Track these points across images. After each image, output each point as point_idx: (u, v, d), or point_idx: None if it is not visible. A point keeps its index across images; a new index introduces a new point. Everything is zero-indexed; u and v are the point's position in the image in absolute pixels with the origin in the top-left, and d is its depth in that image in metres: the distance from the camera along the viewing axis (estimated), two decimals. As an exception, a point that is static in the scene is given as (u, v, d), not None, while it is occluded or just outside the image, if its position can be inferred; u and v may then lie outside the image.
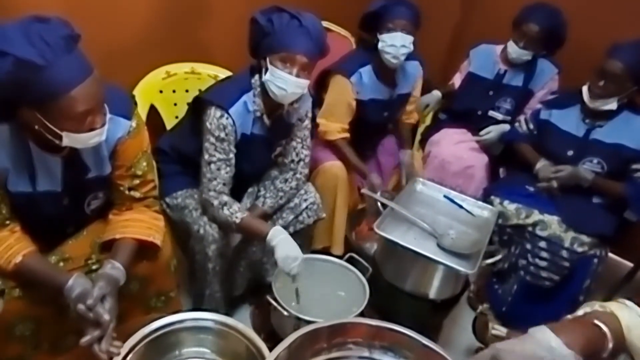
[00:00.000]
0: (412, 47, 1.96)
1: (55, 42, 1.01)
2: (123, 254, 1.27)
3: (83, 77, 1.05)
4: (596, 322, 0.91)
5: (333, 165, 2.02)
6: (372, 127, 2.18)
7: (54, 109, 1.04)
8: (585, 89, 1.92)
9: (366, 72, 2.04)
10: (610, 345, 0.89)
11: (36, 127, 1.08)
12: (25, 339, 1.26)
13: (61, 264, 1.31)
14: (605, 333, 0.90)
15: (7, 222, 1.21)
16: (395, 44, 1.92)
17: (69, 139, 1.10)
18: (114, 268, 1.21)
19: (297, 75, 1.49)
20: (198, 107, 1.60)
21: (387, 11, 1.94)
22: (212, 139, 1.54)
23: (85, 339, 1.10)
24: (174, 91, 2.11)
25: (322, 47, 1.54)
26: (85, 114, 1.08)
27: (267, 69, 1.51)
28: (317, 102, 2.04)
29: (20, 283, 1.21)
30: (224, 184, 1.58)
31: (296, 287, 1.57)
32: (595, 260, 1.89)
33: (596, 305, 0.98)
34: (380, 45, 1.95)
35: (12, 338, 1.24)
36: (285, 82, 1.50)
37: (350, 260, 1.72)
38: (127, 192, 1.35)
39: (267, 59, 1.50)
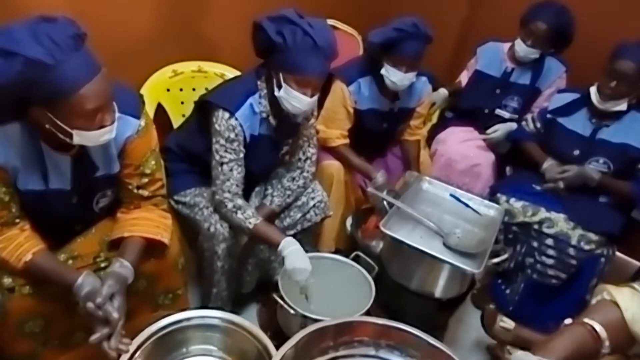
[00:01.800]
0: (414, 79, 1.94)
1: (63, 41, 1.01)
2: (131, 252, 1.28)
3: (91, 75, 1.06)
4: (589, 322, 0.94)
5: (330, 165, 2.03)
6: (373, 136, 2.16)
7: (63, 108, 1.05)
8: (594, 90, 1.91)
9: (366, 82, 2.02)
10: (607, 343, 0.93)
11: (47, 126, 1.08)
12: (35, 335, 1.27)
13: (70, 261, 1.32)
14: (597, 333, 0.93)
15: (17, 220, 1.22)
16: (396, 82, 1.91)
17: (79, 137, 1.10)
18: (123, 266, 1.22)
19: (312, 95, 1.52)
20: (204, 108, 1.61)
21: (397, 45, 1.84)
22: (222, 141, 1.54)
23: (94, 337, 1.12)
24: (181, 90, 2.12)
25: (334, 57, 1.54)
26: (95, 112, 1.09)
27: (280, 85, 1.51)
28: (320, 104, 2.04)
29: (30, 280, 1.22)
30: (237, 185, 1.59)
31: (304, 295, 1.59)
32: (602, 259, 1.88)
33: (604, 293, 1.00)
34: (383, 71, 1.92)
35: (23, 335, 1.25)
36: (300, 102, 1.51)
37: (356, 259, 1.73)
38: (135, 190, 1.36)
39: (281, 76, 1.49)
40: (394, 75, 1.90)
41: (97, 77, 1.06)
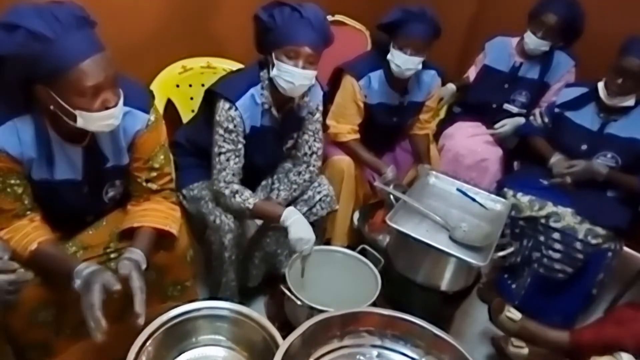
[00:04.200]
0: (420, 66, 1.94)
1: (66, 19, 1.04)
2: (142, 241, 1.30)
3: (92, 51, 1.07)
4: None
5: (340, 160, 2.04)
6: (383, 130, 2.17)
7: (64, 84, 1.06)
8: (601, 85, 1.90)
9: (376, 76, 2.03)
10: None
11: (51, 107, 1.10)
12: (48, 324, 1.30)
13: (81, 252, 1.34)
14: None
15: (28, 212, 1.25)
16: (400, 65, 1.91)
17: (82, 119, 1.11)
18: (133, 252, 1.25)
19: (304, 67, 1.51)
20: (210, 99, 1.63)
21: (403, 26, 1.87)
22: (221, 131, 1.57)
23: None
24: (190, 85, 2.15)
25: (326, 37, 1.55)
26: (96, 90, 1.09)
27: (273, 65, 1.53)
28: (330, 99, 2.04)
29: (39, 270, 1.24)
30: (234, 174, 1.62)
31: (303, 266, 1.62)
32: (610, 253, 1.88)
33: None
34: (389, 56, 1.93)
35: (36, 324, 1.28)
36: (292, 75, 1.52)
37: (363, 252, 1.74)
38: (144, 184, 1.39)
39: (273, 55, 1.52)
40: (398, 58, 1.90)
41: (98, 55, 1.08)
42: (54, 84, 1.07)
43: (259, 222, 1.78)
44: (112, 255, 1.37)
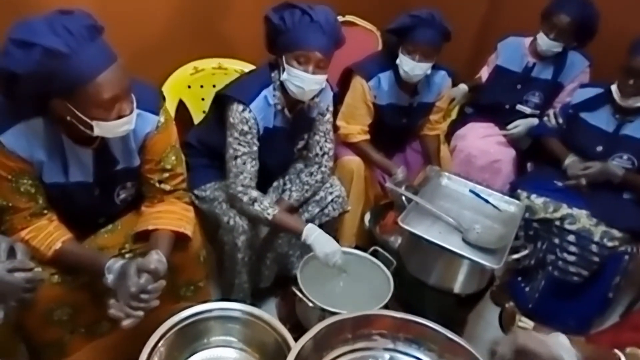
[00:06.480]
0: (429, 71, 1.93)
1: (79, 32, 1.04)
2: (162, 245, 1.30)
3: (107, 63, 1.08)
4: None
5: (350, 160, 2.03)
6: (393, 131, 2.16)
7: (82, 97, 1.07)
8: (614, 88, 1.88)
9: (386, 77, 2.02)
10: None
11: (68, 118, 1.11)
12: (63, 323, 1.32)
13: (97, 253, 1.35)
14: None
15: (45, 211, 1.26)
16: (408, 71, 1.90)
17: (99, 128, 1.12)
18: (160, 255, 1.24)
19: (314, 73, 1.51)
20: (221, 102, 1.64)
21: (411, 32, 1.85)
22: (236, 134, 1.57)
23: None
24: (201, 86, 2.16)
25: (337, 40, 1.55)
26: (112, 101, 1.10)
27: (284, 68, 1.53)
28: (340, 100, 2.04)
29: (58, 270, 1.26)
30: (251, 178, 1.61)
31: (344, 270, 1.61)
32: (626, 256, 1.85)
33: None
34: (397, 60, 1.93)
35: (51, 322, 1.29)
36: (302, 80, 1.52)
37: (375, 254, 1.73)
38: (157, 185, 1.39)
39: (283, 58, 1.52)
40: (406, 64, 1.89)
41: (113, 66, 1.08)
42: (70, 97, 1.08)
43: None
44: (127, 256, 1.37)
